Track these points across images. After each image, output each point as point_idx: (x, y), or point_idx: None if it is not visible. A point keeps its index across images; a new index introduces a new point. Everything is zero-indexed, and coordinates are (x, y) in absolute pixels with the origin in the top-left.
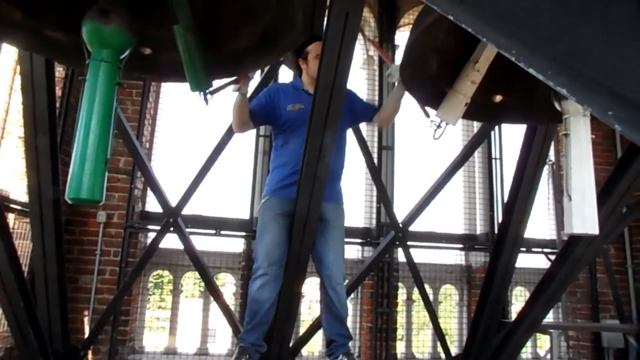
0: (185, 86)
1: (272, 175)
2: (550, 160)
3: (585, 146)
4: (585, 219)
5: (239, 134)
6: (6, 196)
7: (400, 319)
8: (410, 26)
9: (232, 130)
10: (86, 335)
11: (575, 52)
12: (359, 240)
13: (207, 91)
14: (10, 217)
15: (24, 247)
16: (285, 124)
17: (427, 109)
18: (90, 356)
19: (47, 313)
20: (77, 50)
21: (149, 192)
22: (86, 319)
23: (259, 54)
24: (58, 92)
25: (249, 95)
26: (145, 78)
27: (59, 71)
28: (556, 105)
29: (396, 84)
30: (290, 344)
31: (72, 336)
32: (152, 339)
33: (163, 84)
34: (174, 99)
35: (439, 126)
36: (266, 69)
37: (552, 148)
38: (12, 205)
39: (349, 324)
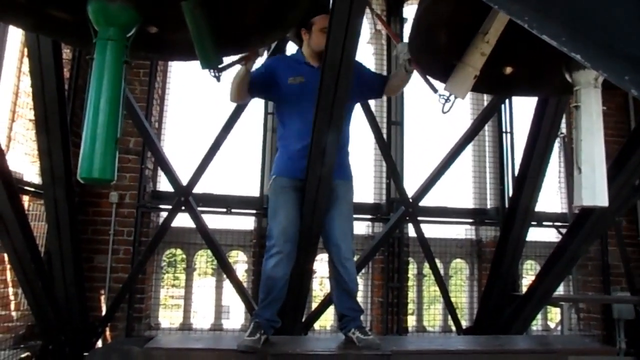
0: (192, 64)
1: (280, 154)
2: (562, 133)
3: (595, 118)
4: (595, 191)
5: (234, 103)
6: (20, 178)
7: (411, 293)
8: None
9: (234, 103)
10: (103, 313)
11: (590, 17)
12: (369, 216)
13: (218, 67)
14: (25, 199)
15: (39, 228)
16: (286, 98)
17: (435, 82)
18: (108, 332)
19: (64, 292)
20: (83, 31)
21: (160, 172)
22: (103, 297)
23: (266, 30)
24: (66, 74)
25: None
26: (152, 57)
27: (66, 53)
28: (567, 76)
29: (400, 62)
30: (303, 319)
31: (90, 314)
32: (167, 316)
33: (170, 63)
34: (182, 78)
35: (447, 100)
36: (273, 45)
37: (563, 121)
38: (26, 188)
39: (360, 298)
